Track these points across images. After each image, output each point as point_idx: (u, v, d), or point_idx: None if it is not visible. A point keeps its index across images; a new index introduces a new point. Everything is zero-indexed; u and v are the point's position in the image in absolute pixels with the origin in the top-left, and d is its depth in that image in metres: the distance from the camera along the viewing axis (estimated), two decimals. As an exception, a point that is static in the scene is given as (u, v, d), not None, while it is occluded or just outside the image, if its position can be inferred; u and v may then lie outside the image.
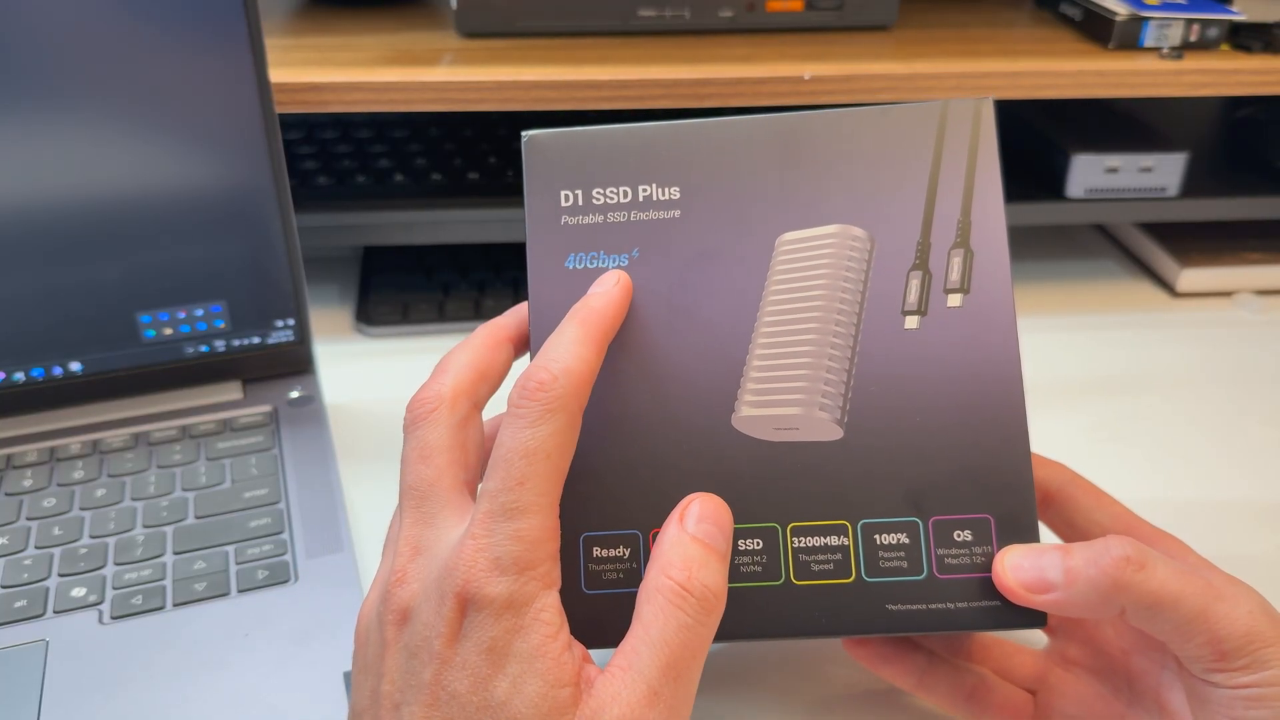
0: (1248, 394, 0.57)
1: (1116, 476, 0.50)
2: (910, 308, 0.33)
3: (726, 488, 0.32)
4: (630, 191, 0.34)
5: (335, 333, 0.61)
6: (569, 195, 0.34)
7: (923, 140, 0.34)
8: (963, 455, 0.32)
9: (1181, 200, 0.65)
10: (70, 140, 0.45)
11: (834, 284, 0.33)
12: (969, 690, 0.35)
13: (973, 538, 0.31)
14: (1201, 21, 0.59)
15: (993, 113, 0.34)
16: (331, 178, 0.64)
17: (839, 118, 0.34)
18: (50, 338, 0.48)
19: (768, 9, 0.62)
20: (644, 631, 0.27)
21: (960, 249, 0.33)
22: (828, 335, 0.33)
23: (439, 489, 0.29)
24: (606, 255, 0.34)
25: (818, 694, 0.38)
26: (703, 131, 0.34)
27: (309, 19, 0.66)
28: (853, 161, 0.34)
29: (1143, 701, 0.33)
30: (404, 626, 0.28)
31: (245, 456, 0.47)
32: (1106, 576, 0.28)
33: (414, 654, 0.27)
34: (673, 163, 0.34)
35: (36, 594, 0.40)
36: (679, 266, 0.33)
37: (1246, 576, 0.30)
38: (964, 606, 0.31)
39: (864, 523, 0.32)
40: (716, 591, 0.28)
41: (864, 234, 0.33)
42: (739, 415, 0.33)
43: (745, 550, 0.32)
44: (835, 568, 0.32)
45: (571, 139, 0.35)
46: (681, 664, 0.27)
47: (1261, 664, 0.28)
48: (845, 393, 0.32)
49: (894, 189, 0.33)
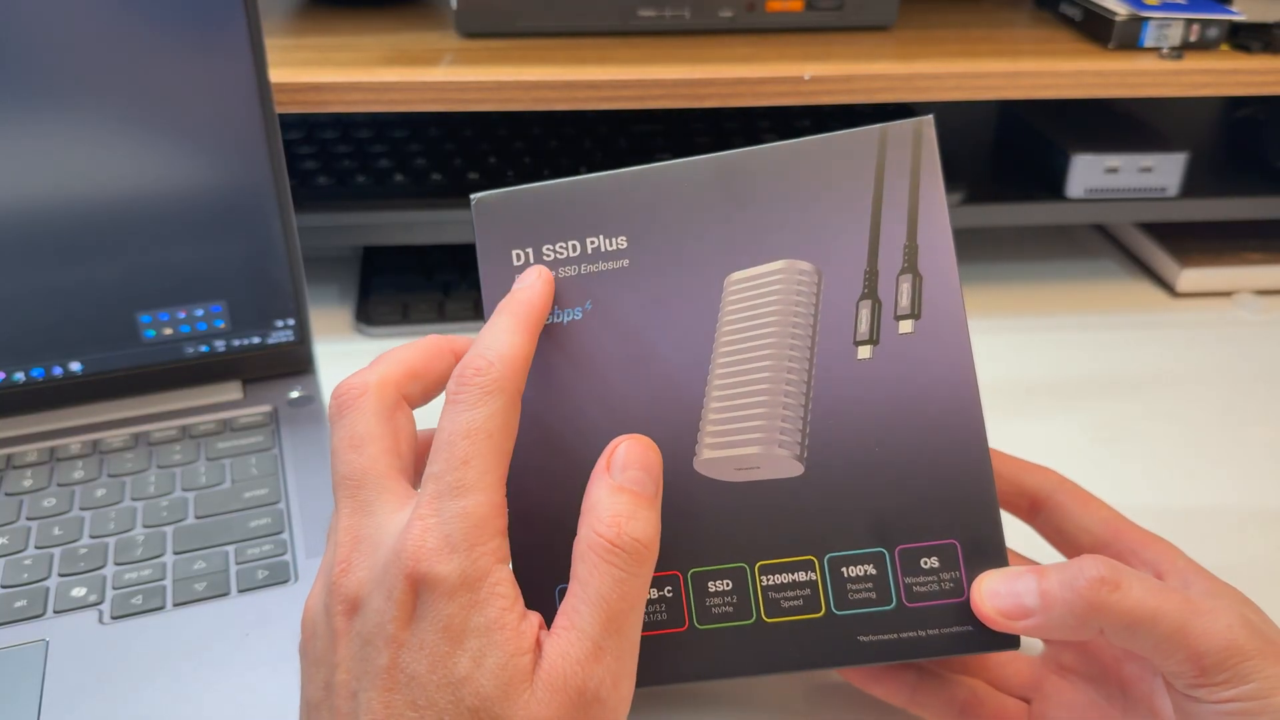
0: (1247, 394, 0.57)
1: (1115, 476, 0.50)
2: (862, 337, 0.33)
3: (692, 530, 0.32)
4: (579, 245, 0.34)
5: (335, 333, 0.61)
6: (520, 254, 0.34)
7: (864, 167, 0.33)
8: (925, 481, 0.32)
9: (1181, 200, 0.65)
10: (70, 140, 0.45)
11: (784, 320, 0.33)
12: (961, 703, 0.35)
13: (940, 564, 0.31)
14: (1201, 21, 0.59)
15: (934, 133, 0.33)
16: (331, 178, 0.64)
17: (778, 151, 0.34)
18: (50, 338, 0.48)
19: (768, 9, 0.62)
20: (581, 589, 0.27)
21: (909, 274, 0.33)
22: (782, 372, 0.33)
23: (372, 476, 0.29)
24: (560, 310, 0.33)
25: (812, 703, 0.38)
26: (646, 178, 0.34)
27: (309, 19, 0.66)
28: (795, 195, 0.33)
29: (1137, 708, 0.33)
30: (354, 615, 0.28)
31: (245, 456, 0.47)
32: (1081, 599, 0.28)
33: (368, 641, 0.27)
34: (618, 212, 0.34)
35: (36, 594, 0.40)
36: (632, 315, 0.33)
37: (1244, 578, 0.30)
38: (935, 633, 0.31)
39: (830, 556, 0.32)
40: (645, 542, 0.28)
41: (810, 267, 0.33)
42: (700, 458, 0.33)
43: (715, 591, 0.32)
44: (805, 603, 0.32)
45: (518, 198, 0.34)
46: (621, 616, 0.27)
47: (1242, 678, 0.27)
48: (803, 428, 0.32)
49: (838, 219, 0.33)
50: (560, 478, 0.32)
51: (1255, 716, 0.27)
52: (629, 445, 0.30)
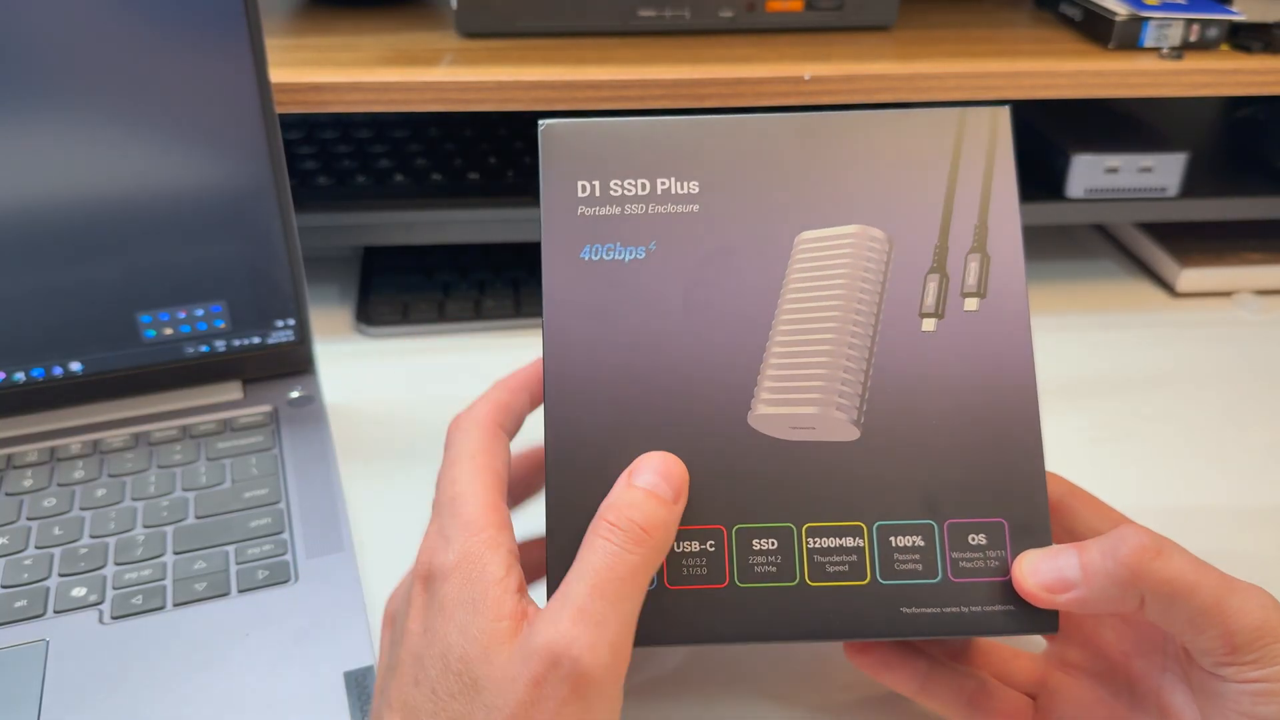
0: (1247, 394, 0.57)
1: (1116, 476, 0.50)
2: (928, 310, 0.33)
3: (742, 486, 0.32)
4: (649, 184, 0.34)
5: (335, 333, 0.61)
6: (586, 186, 0.34)
7: (941, 146, 0.34)
8: (977, 459, 0.32)
9: (1181, 200, 0.65)
10: (70, 140, 0.45)
11: (852, 284, 0.33)
12: (969, 696, 0.35)
13: (987, 541, 0.31)
14: (1201, 21, 0.59)
15: (1009, 121, 0.34)
16: (331, 178, 0.64)
17: (859, 119, 0.34)
18: (50, 338, 0.48)
19: (768, 9, 0.62)
20: (576, 565, 0.29)
21: (977, 253, 0.33)
22: (845, 335, 0.33)
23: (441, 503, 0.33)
24: (624, 247, 0.33)
25: (817, 699, 0.38)
26: (723, 127, 0.34)
27: (309, 19, 0.66)
28: (872, 163, 0.34)
29: (1144, 704, 0.33)
30: (390, 627, 0.33)
31: (245, 456, 0.47)
32: (1124, 567, 0.28)
33: (395, 641, 0.31)
34: (692, 157, 0.34)
35: (37, 594, 0.40)
36: (697, 261, 0.33)
37: (1246, 578, 0.30)
38: (978, 610, 0.31)
39: (879, 524, 0.32)
40: (645, 525, 0.29)
41: (883, 235, 0.33)
42: (755, 413, 0.32)
43: (760, 550, 0.32)
44: (850, 569, 0.32)
45: (589, 129, 0.34)
46: (608, 585, 0.28)
47: (1272, 659, 0.28)
48: (862, 393, 0.32)
49: (912, 193, 0.34)
50: (606, 420, 0.32)
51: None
52: (650, 458, 0.31)
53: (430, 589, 0.30)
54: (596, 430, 0.32)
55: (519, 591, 0.29)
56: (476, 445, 0.32)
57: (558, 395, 0.32)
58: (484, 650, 0.27)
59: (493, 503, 0.31)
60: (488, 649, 0.27)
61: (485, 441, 0.33)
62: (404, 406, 0.54)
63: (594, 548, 0.29)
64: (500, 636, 0.28)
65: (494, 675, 0.27)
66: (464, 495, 0.31)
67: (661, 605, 0.31)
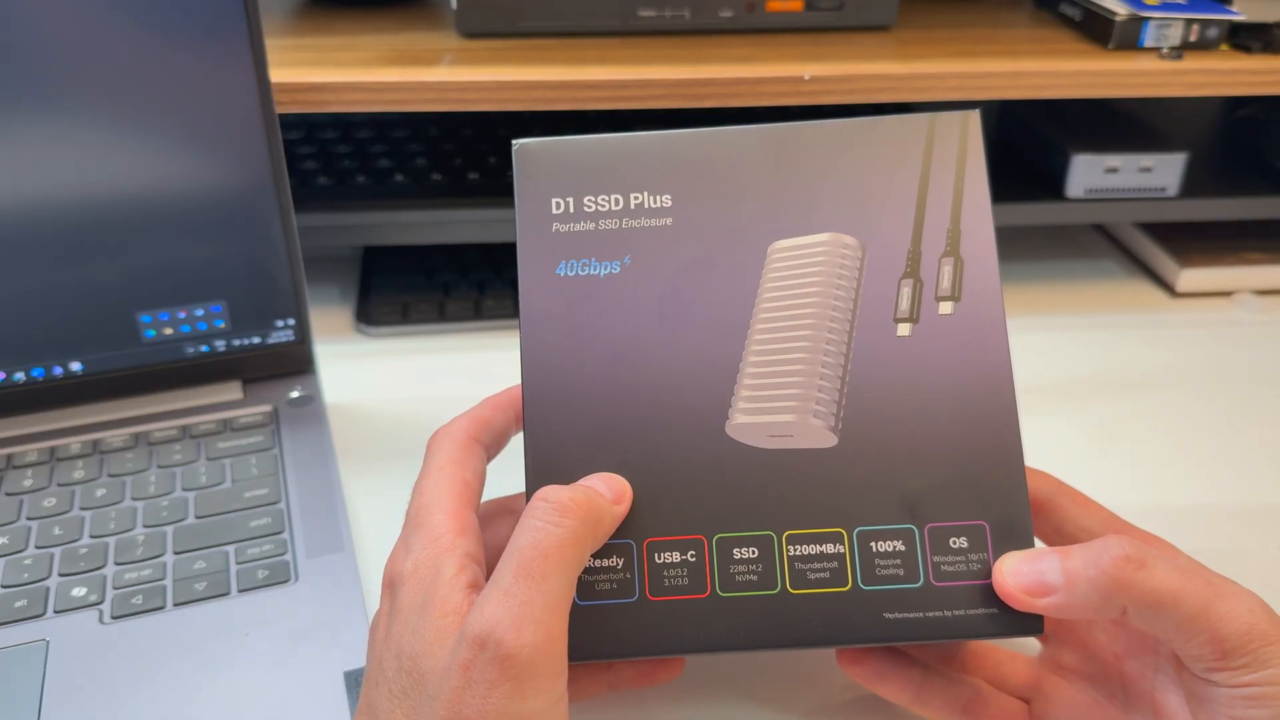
0: (1246, 394, 0.57)
1: (1115, 476, 0.50)
2: (902, 315, 0.33)
3: (721, 495, 0.32)
4: (622, 199, 0.34)
5: (335, 333, 0.61)
6: (560, 203, 0.34)
7: (911, 151, 0.34)
8: (957, 462, 0.32)
9: (1181, 200, 0.65)
10: (71, 140, 0.45)
11: (827, 291, 0.33)
12: (964, 703, 0.35)
13: (968, 545, 0.31)
14: (1201, 21, 0.59)
15: (979, 124, 0.34)
16: (331, 178, 0.64)
17: (829, 128, 0.34)
18: (50, 338, 0.48)
19: (768, 9, 0.62)
20: (505, 550, 0.29)
21: (950, 257, 0.33)
22: (821, 342, 0.33)
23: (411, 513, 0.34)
24: (599, 262, 0.34)
25: (812, 705, 0.38)
26: (694, 140, 0.34)
27: (309, 19, 0.66)
28: (843, 171, 0.34)
29: (1138, 706, 0.33)
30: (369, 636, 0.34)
31: (245, 456, 0.47)
32: (1106, 576, 0.28)
33: (369, 649, 0.32)
34: (664, 171, 0.34)
35: (37, 594, 0.40)
36: (671, 273, 0.34)
37: (1245, 578, 0.30)
38: (961, 614, 0.31)
39: (859, 530, 0.32)
40: (572, 499, 0.30)
41: (855, 242, 0.33)
42: (733, 423, 0.33)
43: (740, 559, 0.32)
44: (831, 576, 0.32)
45: (563, 147, 0.35)
46: (532, 564, 0.28)
47: (1262, 663, 0.28)
48: (839, 399, 0.33)
49: (884, 199, 0.34)
50: (584, 431, 0.33)
51: (1273, 701, 0.27)
52: (595, 475, 0.32)
53: (392, 596, 0.31)
54: (575, 443, 0.32)
55: (468, 588, 0.29)
56: (447, 457, 0.33)
57: (536, 409, 0.33)
58: (429, 646, 0.28)
59: (456, 511, 0.32)
60: (432, 645, 0.28)
61: (456, 453, 0.33)
62: (404, 406, 0.54)
63: (520, 528, 0.29)
64: (445, 632, 0.28)
65: (435, 667, 0.28)
66: (429, 505, 0.32)
67: (644, 617, 0.31)
